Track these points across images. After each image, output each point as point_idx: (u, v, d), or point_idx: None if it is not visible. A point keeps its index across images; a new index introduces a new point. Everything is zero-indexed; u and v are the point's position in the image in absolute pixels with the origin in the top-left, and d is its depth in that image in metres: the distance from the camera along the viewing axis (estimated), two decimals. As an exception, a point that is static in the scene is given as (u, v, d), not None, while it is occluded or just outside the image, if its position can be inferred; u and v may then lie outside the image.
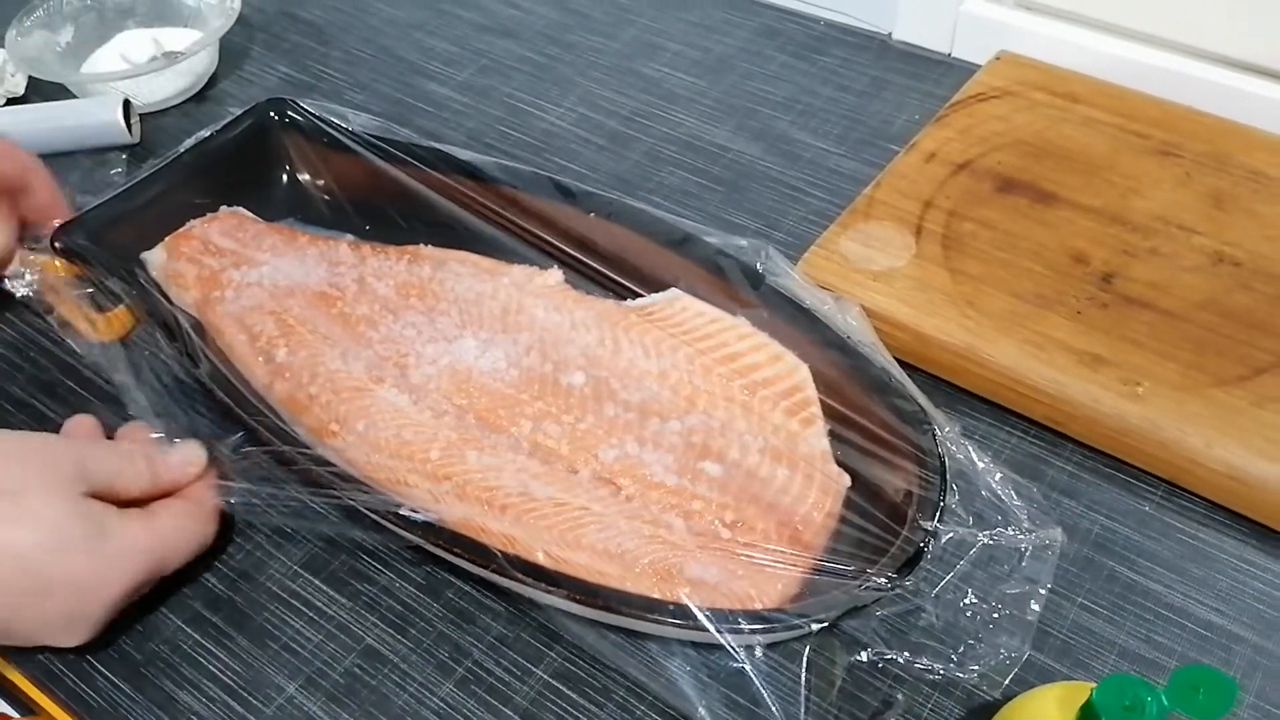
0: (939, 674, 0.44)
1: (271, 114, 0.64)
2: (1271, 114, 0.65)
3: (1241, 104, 0.66)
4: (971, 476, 0.46)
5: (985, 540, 0.45)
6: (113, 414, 0.52)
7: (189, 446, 0.49)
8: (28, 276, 0.56)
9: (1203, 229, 0.59)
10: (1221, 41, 0.68)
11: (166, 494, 0.48)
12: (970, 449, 0.47)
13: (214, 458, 0.49)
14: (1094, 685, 0.35)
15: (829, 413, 0.51)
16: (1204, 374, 0.52)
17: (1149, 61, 0.70)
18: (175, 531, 0.46)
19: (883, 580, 0.42)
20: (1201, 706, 0.33)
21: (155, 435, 0.49)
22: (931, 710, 0.44)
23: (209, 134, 0.62)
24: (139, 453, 0.47)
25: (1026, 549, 0.44)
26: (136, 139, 0.71)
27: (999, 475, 0.46)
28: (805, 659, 0.44)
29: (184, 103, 0.75)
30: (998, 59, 0.71)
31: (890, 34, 0.79)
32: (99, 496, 0.45)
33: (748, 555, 0.46)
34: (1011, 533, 0.45)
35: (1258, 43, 0.67)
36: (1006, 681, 0.44)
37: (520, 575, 0.43)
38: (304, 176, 0.64)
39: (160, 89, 0.74)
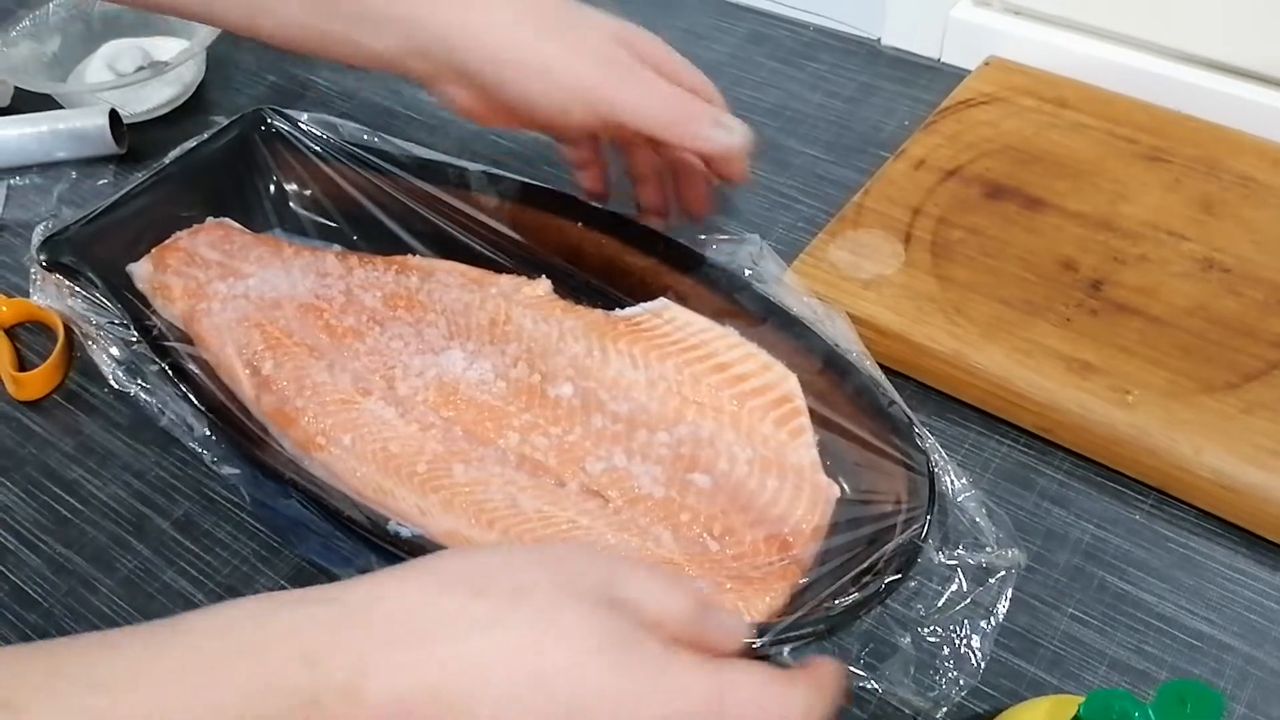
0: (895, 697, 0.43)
1: (258, 124, 0.63)
2: (1260, 118, 0.65)
3: (1231, 108, 0.66)
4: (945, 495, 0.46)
5: (944, 560, 0.45)
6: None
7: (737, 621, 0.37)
8: None
9: (1192, 235, 0.59)
10: (1210, 46, 0.68)
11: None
12: (951, 469, 0.47)
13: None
14: (1082, 699, 0.35)
15: (818, 423, 0.51)
16: (1193, 381, 0.52)
17: (1138, 66, 0.70)
18: (753, 704, 0.31)
19: (872, 592, 0.42)
20: (1189, 721, 0.33)
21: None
22: (921, 722, 0.44)
23: (195, 144, 0.62)
24: (687, 585, 0.36)
25: (986, 573, 0.44)
26: (124, 149, 0.71)
27: (972, 493, 0.46)
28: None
29: (172, 113, 0.75)
30: (987, 64, 0.71)
31: (879, 39, 0.78)
32: None
33: (736, 567, 0.46)
34: (972, 556, 0.45)
35: (1247, 47, 0.67)
36: (941, 714, 0.43)
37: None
38: (291, 187, 0.64)
39: (148, 99, 0.74)
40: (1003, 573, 0.45)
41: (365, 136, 0.62)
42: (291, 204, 0.64)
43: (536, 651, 0.30)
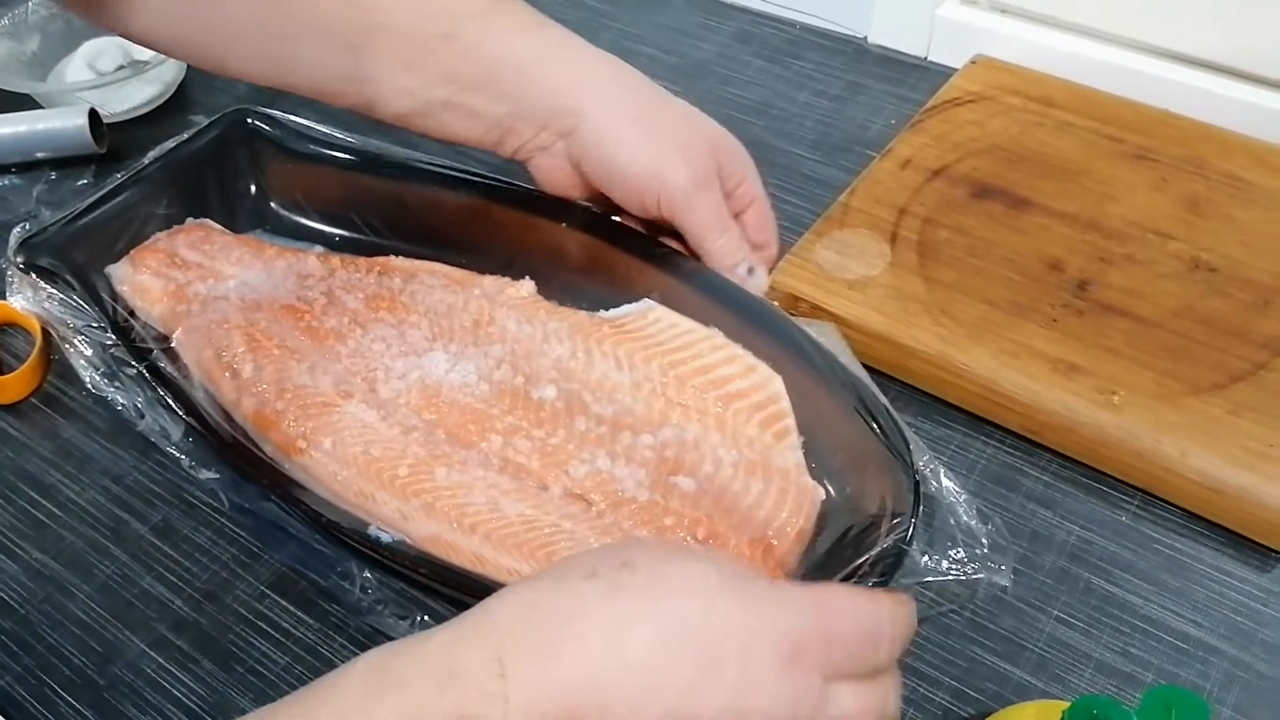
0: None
1: (239, 124, 0.63)
2: (1248, 117, 0.65)
3: (1218, 107, 0.66)
4: (936, 499, 0.46)
5: (929, 563, 0.44)
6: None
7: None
8: None
9: (1179, 234, 0.59)
10: (1198, 44, 0.68)
11: None
12: (942, 473, 0.46)
13: None
14: (1066, 704, 0.35)
15: (803, 425, 0.50)
16: (1180, 382, 0.52)
17: (1125, 65, 0.69)
18: (852, 614, 0.33)
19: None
20: (1174, 727, 0.33)
21: None
22: (907, 727, 0.44)
23: (175, 144, 0.61)
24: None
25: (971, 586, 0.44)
26: (104, 149, 0.70)
27: (964, 498, 0.46)
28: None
29: (152, 112, 0.74)
30: (973, 63, 0.71)
31: (866, 38, 0.78)
32: None
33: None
34: (957, 569, 0.45)
35: (1234, 45, 0.67)
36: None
37: (485, 594, 0.43)
38: (272, 187, 0.63)
39: (128, 98, 0.73)
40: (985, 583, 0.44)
41: (347, 136, 0.61)
42: (273, 204, 0.63)
43: (661, 607, 0.31)
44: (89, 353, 0.53)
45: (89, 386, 0.53)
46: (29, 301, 0.55)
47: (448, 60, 0.51)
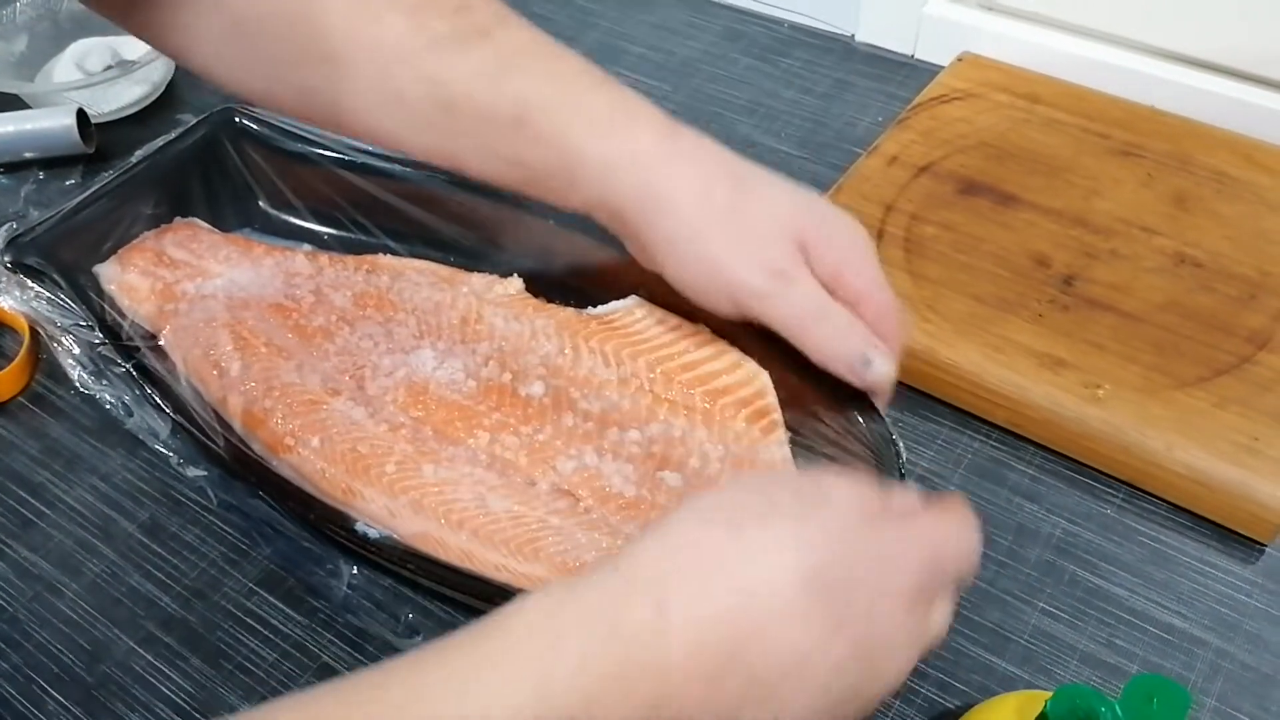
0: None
1: (227, 123, 0.63)
2: (1233, 113, 0.65)
3: (1204, 104, 0.66)
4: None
5: None
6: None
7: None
8: None
9: (1164, 230, 0.59)
10: (1183, 41, 0.68)
11: None
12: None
13: None
14: (1049, 694, 0.35)
15: (789, 420, 0.51)
16: (1165, 376, 0.52)
17: (1111, 61, 0.70)
18: (954, 539, 0.35)
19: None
20: (1155, 716, 0.33)
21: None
22: (893, 718, 0.44)
23: (163, 143, 0.61)
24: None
25: None
26: (92, 149, 0.70)
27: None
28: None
29: (140, 112, 0.74)
30: (960, 60, 0.71)
31: (854, 36, 0.78)
32: None
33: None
34: None
35: (1219, 43, 0.67)
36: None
37: (473, 590, 0.43)
38: (260, 186, 0.63)
39: (116, 98, 0.73)
40: None
41: (335, 135, 0.61)
42: (260, 203, 0.63)
43: (807, 551, 0.33)
44: (77, 352, 0.53)
45: (77, 385, 0.53)
46: (17, 301, 0.55)
47: (512, 143, 0.47)
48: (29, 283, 0.54)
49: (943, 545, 0.35)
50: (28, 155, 0.69)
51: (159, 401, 0.50)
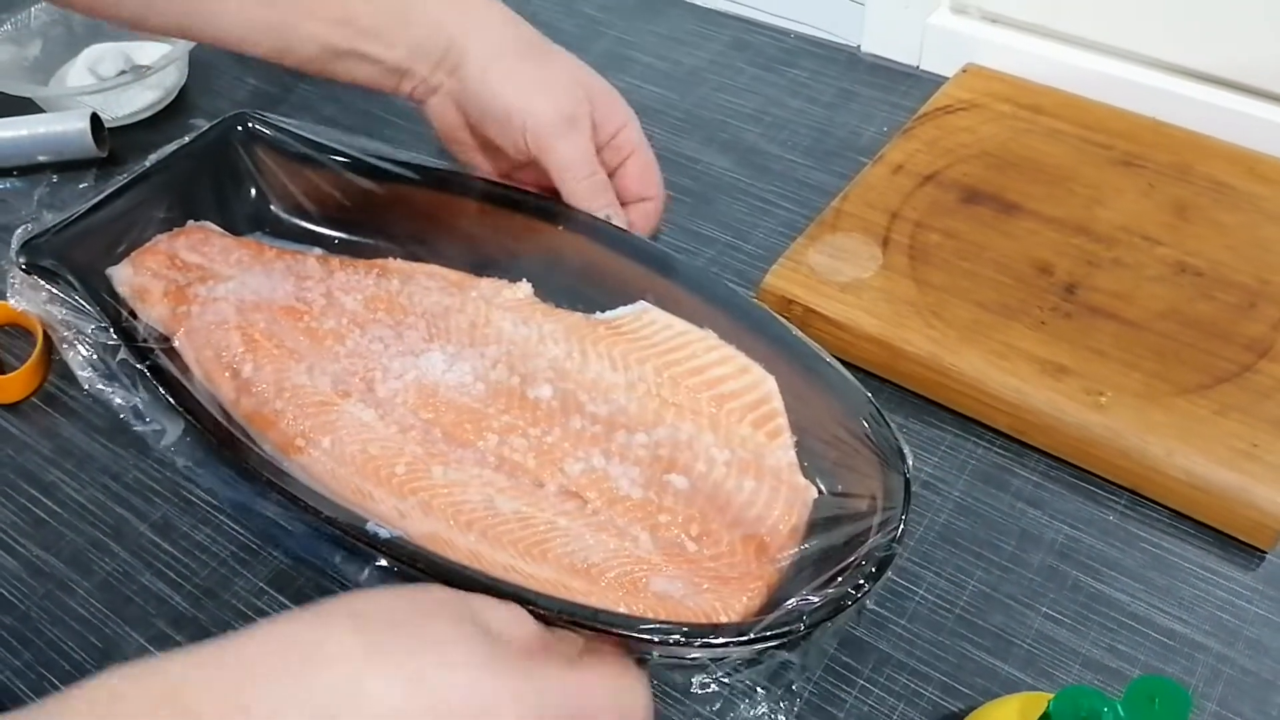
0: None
1: (239, 127, 0.63)
2: (1233, 125, 0.66)
3: (1204, 115, 0.67)
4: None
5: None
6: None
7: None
8: None
9: (1165, 239, 0.60)
10: (1184, 54, 0.69)
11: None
12: None
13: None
14: (1051, 697, 0.35)
15: (796, 424, 0.51)
16: (1166, 383, 0.52)
17: (1113, 73, 0.70)
18: (606, 692, 0.36)
19: (849, 592, 0.42)
20: (1157, 717, 0.33)
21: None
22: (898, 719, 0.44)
23: (176, 148, 0.62)
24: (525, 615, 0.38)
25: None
26: (105, 153, 0.71)
27: None
28: (768, 669, 0.44)
29: (153, 117, 0.75)
30: (964, 71, 0.72)
31: (859, 47, 0.79)
32: None
33: (713, 568, 0.46)
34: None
35: (1220, 55, 0.68)
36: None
37: (482, 591, 0.43)
38: (272, 190, 0.64)
39: (129, 103, 0.74)
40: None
41: (347, 140, 0.62)
42: (272, 207, 0.64)
43: (414, 666, 0.32)
44: (89, 353, 0.54)
45: (88, 387, 0.54)
46: (30, 302, 0.55)
47: (342, 5, 0.54)
48: (42, 284, 0.55)
49: (598, 703, 0.35)
50: (42, 159, 0.70)
51: (171, 403, 0.50)
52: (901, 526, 0.44)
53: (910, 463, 0.47)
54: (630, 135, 0.58)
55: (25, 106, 0.72)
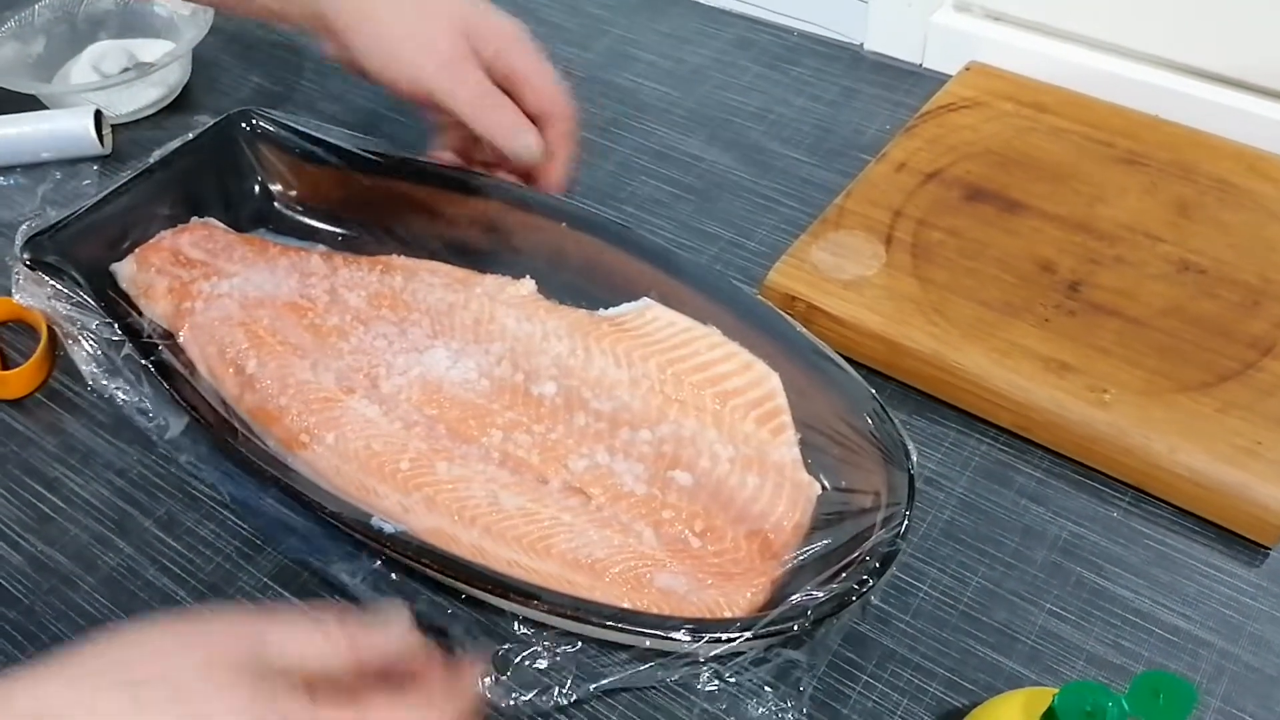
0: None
1: (242, 124, 0.63)
2: (1235, 123, 0.66)
3: (1206, 113, 0.67)
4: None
5: None
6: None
7: (394, 613, 0.39)
8: None
9: (1168, 237, 0.60)
10: (1187, 52, 0.69)
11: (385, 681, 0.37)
12: None
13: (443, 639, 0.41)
14: (1057, 691, 0.35)
15: (799, 421, 0.51)
16: (1169, 380, 0.53)
17: (1116, 72, 0.71)
18: None
19: (854, 588, 0.42)
20: (1161, 711, 0.33)
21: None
22: (901, 716, 0.44)
23: (179, 145, 0.62)
24: (335, 626, 0.37)
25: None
26: (108, 150, 0.71)
27: None
28: (775, 666, 0.44)
29: (156, 114, 0.75)
30: (967, 70, 0.72)
31: (862, 45, 0.79)
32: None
33: (717, 564, 0.46)
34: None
35: (1222, 53, 0.68)
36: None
37: (485, 586, 0.43)
38: (275, 187, 0.64)
39: (132, 100, 0.74)
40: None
41: (350, 136, 0.62)
42: (276, 204, 0.64)
43: None
44: (93, 349, 0.54)
45: (92, 383, 0.54)
46: (35, 298, 0.56)
47: None
48: (47, 280, 0.55)
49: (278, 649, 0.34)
50: (45, 156, 0.70)
51: (175, 398, 0.50)
52: (906, 523, 0.44)
53: (914, 459, 0.47)
54: (517, 54, 0.56)
55: (29, 103, 0.72)
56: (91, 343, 0.54)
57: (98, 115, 0.70)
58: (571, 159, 0.59)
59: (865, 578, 0.43)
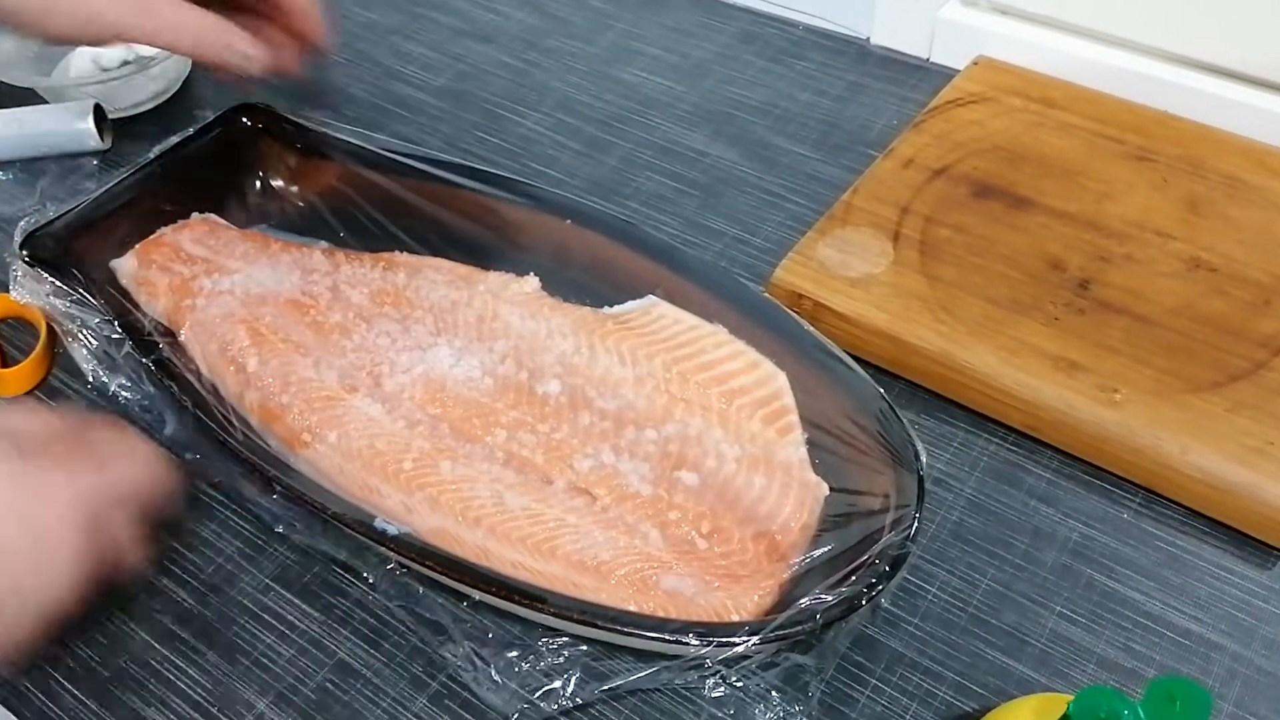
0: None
1: (243, 119, 0.63)
2: (1247, 119, 0.65)
3: (1217, 109, 0.66)
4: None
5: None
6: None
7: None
8: None
9: (1178, 234, 0.59)
10: (1197, 46, 0.68)
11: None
12: None
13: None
14: (1071, 697, 0.35)
15: (806, 420, 0.51)
16: (1180, 380, 0.52)
17: (1125, 66, 0.70)
18: (132, 465, 0.44)
19: (863, 591, 0.42)
20: (1178, 718, 0.33)
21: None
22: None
23: (180, 140, 0.62)
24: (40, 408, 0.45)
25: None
26: (108, 145, 0.70)
27: None
28: (782, 670, 0.44)
29: (157, 108, 0.74)
30: (975, 64, 0.71)
31: (868, 39, 0.78)
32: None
33: (724, 565, 0.46)
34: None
35: (1233, 48, 0.67)
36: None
37: (491, 589, 0.43)
38: (277, 182, 0.63)
39: (133, 94, 0.73)
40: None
41: (352, 132, 0.61)
42: (277, 200, 0.63)
43: None
44: (93, 346, 0.54)
45: (92, 380, 0.53)
46: (33, 295, 0.55)
47: None
48: (46, 277, 0.54)
49: (107, 479, 0.42)
50: (44, 150, 0.69)
51: (176, 397, 0.50)
52: (915, 525, 0.44)
53: (924, 460, 0.46)
54: None
55: (28, 97, 0.72)
56: (91, 340, 0.54)
57: (98, 109, 0.69)
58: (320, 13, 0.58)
59: (874, 581, 0.42)
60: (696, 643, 0.41)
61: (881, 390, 0.49)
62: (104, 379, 0.54)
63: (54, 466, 0.41)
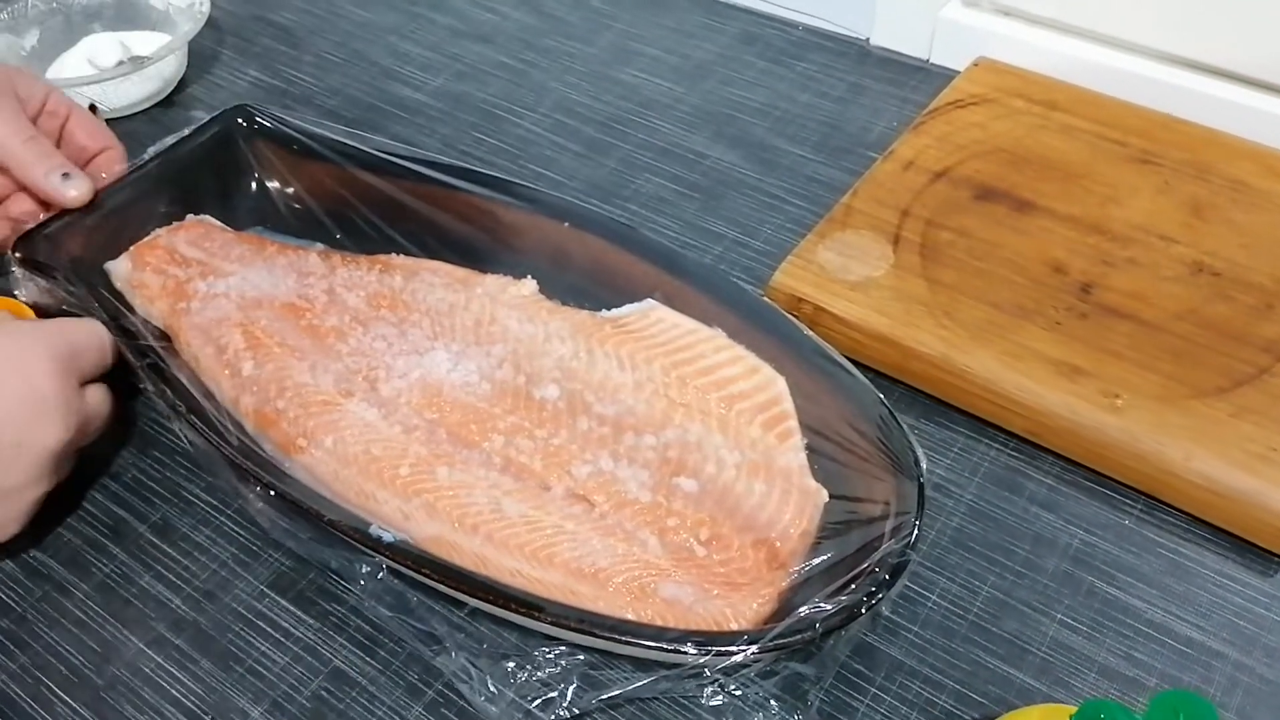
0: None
1: (239, 120, 0.62)
2: (1251, 122, 0.65)
3: (1221, 112, 0.66)
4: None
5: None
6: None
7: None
8: None
9: (1182, 238, 0.59)
10: (1201, 49, 0.68)
11: None
12: None
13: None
14: (1073, 709, 0.35)
15: (806, 426, 0.50)
16: (1183, 385, 0.52)
17: (1128, 68, 0.69)
18: (83, 332, 0.50)
19: (863, 599, 0.42)
20: (1182, 732, 0.33)
21: None
22: (910, 730, 0.44)
23: (175, 140, 0.61)
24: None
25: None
26: (103, 145, 0.69)
27: None
28: (782, 678, 0.43)
29: (152, 108, 0.74)
30: (976, 65, 0.70)
31: (869, 40, 0.78)
32: None
33: (724, 573, 0.45)
34: None
35: (1237, 51, 0.67)
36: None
37: (489, 598, 0.42)
38: (273, 184, 0.63)
39: (127, 94, 0.72)
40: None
41: (348, 133, 0.61)
42: (273, 202, 0.63)
43: None
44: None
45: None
46: (27, 296, 0.55)
47: None
48: (40, 279, 0.54)
49: (71, 340, 0.48)
50: (38, 151, 0.69)
51: (170, 400, 0.49)
52: (915, 532, 0.43)
53: (924, 467, 0.46)
54: (59, 99, 0.58)
55: (22, 97, 0.71)
56: None
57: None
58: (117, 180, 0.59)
59: (874, 589, 0.42)
60: (695, 652, 0.40)
61: (881, 395, 0.49)
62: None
63: (18, 327, 0.48)
